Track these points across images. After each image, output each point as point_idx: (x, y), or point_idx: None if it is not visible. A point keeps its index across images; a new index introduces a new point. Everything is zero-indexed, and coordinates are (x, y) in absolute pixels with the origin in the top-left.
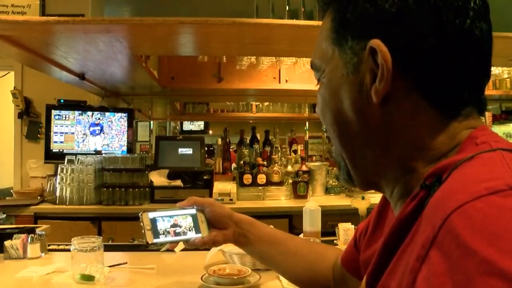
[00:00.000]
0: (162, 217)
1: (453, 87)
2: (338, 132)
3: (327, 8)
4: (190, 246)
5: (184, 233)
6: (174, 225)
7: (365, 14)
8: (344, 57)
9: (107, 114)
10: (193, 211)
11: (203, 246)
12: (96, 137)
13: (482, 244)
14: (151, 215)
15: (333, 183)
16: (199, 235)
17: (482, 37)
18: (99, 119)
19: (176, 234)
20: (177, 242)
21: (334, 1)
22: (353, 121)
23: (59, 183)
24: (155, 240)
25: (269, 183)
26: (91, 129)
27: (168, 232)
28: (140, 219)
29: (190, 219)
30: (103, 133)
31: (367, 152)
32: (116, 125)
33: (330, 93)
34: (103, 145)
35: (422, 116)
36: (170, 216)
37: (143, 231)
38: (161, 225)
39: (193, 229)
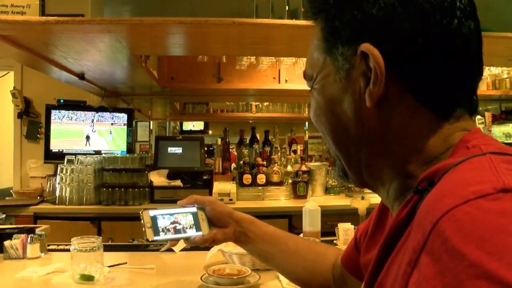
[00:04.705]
0: (162, 215)
1: (444, 87)
2: (333, 135)
3: (316, 18)
4: (191, 244)
5: (185, 231)
6: (175, 223)
7: (354, 21)
8: (335, 64)
9: (109, 118)
10: (194, 209)
11: (203, 244)
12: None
13: (470, 247)
14: (152, 212)
15: (333, 183)
16: (200, 233)
17: (470, 36)
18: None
19: (177, 231)
20: (177, 240)
21: (322, 11)
22: (348, 125)
23: (58, 183)
24: (156, 237)
25: (268, 183)
26: (91, 138)
27: (169, 230)
28: (141, 217)
29: (190, 217)
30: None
31: (362, 154)
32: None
33: (324, 99)
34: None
35: (416, 117)
36: (171, 214)
37: (143, 228)
38: (162, 223)
39: (194, 227)
